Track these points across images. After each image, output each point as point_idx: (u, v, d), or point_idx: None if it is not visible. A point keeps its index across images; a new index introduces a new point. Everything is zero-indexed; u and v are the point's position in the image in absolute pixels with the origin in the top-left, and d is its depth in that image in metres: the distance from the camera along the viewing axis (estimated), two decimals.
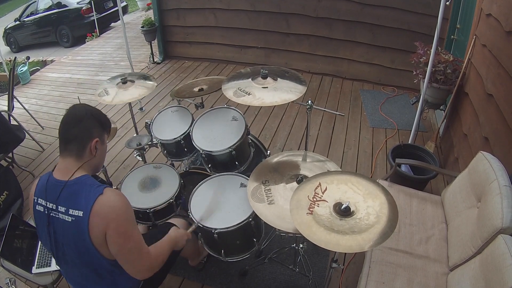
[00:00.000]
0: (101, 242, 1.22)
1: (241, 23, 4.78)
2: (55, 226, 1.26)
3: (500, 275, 1.26)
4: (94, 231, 1.20)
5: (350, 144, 3.37)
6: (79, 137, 1.25)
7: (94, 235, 1.21)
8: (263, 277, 2.15)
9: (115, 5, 8.30)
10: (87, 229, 1.19)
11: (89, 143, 1.27)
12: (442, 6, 2.30)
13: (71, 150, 1.26)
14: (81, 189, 1.22)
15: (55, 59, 6.49)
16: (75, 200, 1.21)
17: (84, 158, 1.27)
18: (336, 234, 1.22)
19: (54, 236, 1.28)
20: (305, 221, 1.28)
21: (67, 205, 1.22)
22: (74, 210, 1.21)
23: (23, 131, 3.27)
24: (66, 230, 1.24)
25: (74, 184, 1.23)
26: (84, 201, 1.20)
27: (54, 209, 1.24)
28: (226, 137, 1.99)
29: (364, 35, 4.19)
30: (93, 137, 1.27)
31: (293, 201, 1.38)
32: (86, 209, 1.19)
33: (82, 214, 1.19)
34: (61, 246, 1.29)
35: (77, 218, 1.20)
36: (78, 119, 1.25)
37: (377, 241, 1.19)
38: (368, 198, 1.35)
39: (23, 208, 2.82)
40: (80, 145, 1.25)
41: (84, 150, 1.26)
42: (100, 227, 1.19)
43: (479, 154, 1.79)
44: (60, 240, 1.28)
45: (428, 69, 2.57)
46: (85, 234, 1.20)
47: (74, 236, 1.23)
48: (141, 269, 1.31)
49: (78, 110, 1.28)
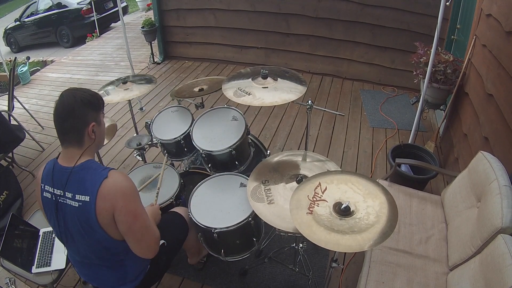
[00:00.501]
0: (108, 223, 1.25)
1: (241, 23, 4.78)
2: (64, 212, 1.28)
3: (500, 275, 1.25)
4: (101, 214, 1.22)
5: (350, 144, 3.37)
6: (75, 127, 1.26)
7: (101, 218, 1.23)
8: (263, 277, 2.15)
9: (115, 5, 8.30)
10: (94, 212, 1.21)
11: (86, 129, 1.27)
12: (442, 6, 2.30)
13: (70, 141, 1.27)
14: (86, 174, 1.25)
15: (55, 59, 6.49)
16: (81, 185, 1.23)
17: (84, 144, 1.28)
18: (336, 234, 1.22)
19: (63, 222, 1.30)
20: (305, 221, 1.28)
21: (74, 190, 1.24)
22: (80, 195, 1.23)
23: (23, 131, 3.27)
24: (73, 216, 1.26)
25: (79, 170, 1.25)
26: (90, 186, 1.22)
27: (61, 195, 1.26)
28: (226, 137, 1.99)
29: (364, 35, 4.20)
30: (89, 122, 1.27)
31: (293, 201, 1.38)
32: (93, 193, 1.21)
33: (89, 198, 1.22)
34: (70, 231, 1.31)
35: (84, 203, 1.22)
36: (69, 110, 1.24)
37: (377, 241, 1.18)
38: (368, 198, 1.35)
39: (23, 208, 2.82)
40: (77, 134, 1.27)
41: (83, 138, 1.28)
42: (108, 208, 1.22)
43: (479, 154, 1.78)
44: (69, 225, 1.29)
45: (428, 69, 2.57)
46: (92, 218, 1.22)
47: (81, 220, 1.25)
48: (150, 247, 1.36)
49: (67, 100, 1.25)
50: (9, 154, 3.13)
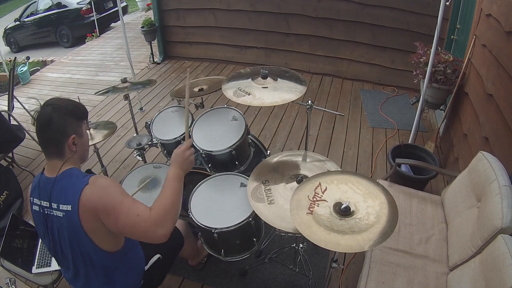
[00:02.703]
0: (96, 230, 1.22)
1: (241, 23, 4.78)
2: (52, 224, 1.26)
3: (500, 275, 1.26)
4: (87, 222, 1.20)
5: (350, 144, 3.37)
6: (53, 140, 1.23)
7: (87, 226, 1.20)
8: (263, 277, 2.15)
9: (115, 5, 8.28)
10: (79, 221, 1.19)
11: (66, 142, 1.24)
12: (442, 6, 2.30)
13: (51, 153, 1.25)
14: (67, 182, 1.22)
15: (55, 59, 6.49)
16: (63, 194, 1.21)
17: (65, 156, 1.26)
18: (336, 234, 1.22)
19: (51, 234, 1.29)
20: (305, 221, 1.28)
21: (58, 201, 1.22)
22: (63, 205, 1.21)
23: (23, 131, 3.27)
24: (60, 226, 1.24)
25: (61, 179, 1.23)
26: (71, 194, 1.20)
27: (48, 207, 1.24)
28: (226, 137, 1.98)
29: (364, 35, 4.19)
30: (68, 135, 1.23)
31: (293, 201, 1.38)
32: (74, 201, 1.19)
33: (71, 207, 1.19)
34: (59, 244, 1.29)
35: (67, 212, 1.20)
36: (46, 123, 1.20)
37: (377, 241, 1.18)
38: (368, 198, 1.35)
39: (23, 208, 2.82)
40: (57, 147, 1.24)
41: (64, 150, 1.25)
42: (92, 216, 1.19)
43: (479, 154, 1.78)
44: (58, 238, 1.28)
45: (428, 69, 2.57)
46: (78, 227, 1.20)
47: (68, 230, 1.23)
48: (152, 231, 1.21)
49: (45, 111, 1.21)
50: (9, 154, 3.13)
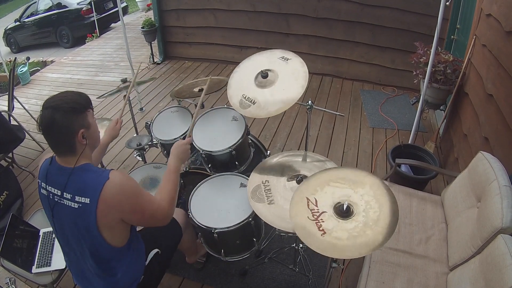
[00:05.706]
0: (109, 226, 1.24)
1: (241, 23, 4.78)
2: (60, 213, 1.27)
3: (500, 275, 1.26)
4: (103, 217, 1.21)
5: (350, 144, 3.37)
6: (62, 140, 1.22)
7: (102, 221, 1.22)
8: (263, 277, 2.15)
9: (115, 5, 8.28)
10: (95, 215, 1.20)
11: (75, 138, 1.22)
12: (442, 6, 2.30)
13: (62, 151, 1.25)
14: (87, 176, 1.23)
15: (55, 60, 6.49)
16: (81, 186, 1.21)
17: (78, 151, 1.25)
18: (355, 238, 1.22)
19: (59, 223, 1.30)
20: (327, 245, 1.26)
21: (73, 191, 1.22)
22: (80, 197, 1.21)
23: (23, 131, 3.27)
24: (71, 217, 1.24)
25: (79, 171, 1.23)
26: (91, 188, 1.20)
27: (59, 195, 1.24)
28: (226, 137, 1.98)
29: (364, 35, 4.19)
30: (75, 132, 1.21)
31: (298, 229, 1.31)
32: (94, 196, 1.19)
33: (89, 201, 1.19)
34: (65, 233, 1.30)
35: (84, 205, 1.20)
36: (49, 127, 1.18)
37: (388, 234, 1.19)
38: (357, 187, 1.37)
39: (23, 208, 2.82)
40: (68, 146, 1.23)
41: (74, 146, 1.23)
42: (112, 212, 1.21)
43: (479, 154, 1.78)
44: (65, 227, 1.29)
45: (428, 69, 2.57)
46: (92, 221, 1.20)
47: (78, 223, 1.24)
48: (167, 218, 1.39)
49: (45, 117, 1.18)
50: (9, 154, 3.13)
